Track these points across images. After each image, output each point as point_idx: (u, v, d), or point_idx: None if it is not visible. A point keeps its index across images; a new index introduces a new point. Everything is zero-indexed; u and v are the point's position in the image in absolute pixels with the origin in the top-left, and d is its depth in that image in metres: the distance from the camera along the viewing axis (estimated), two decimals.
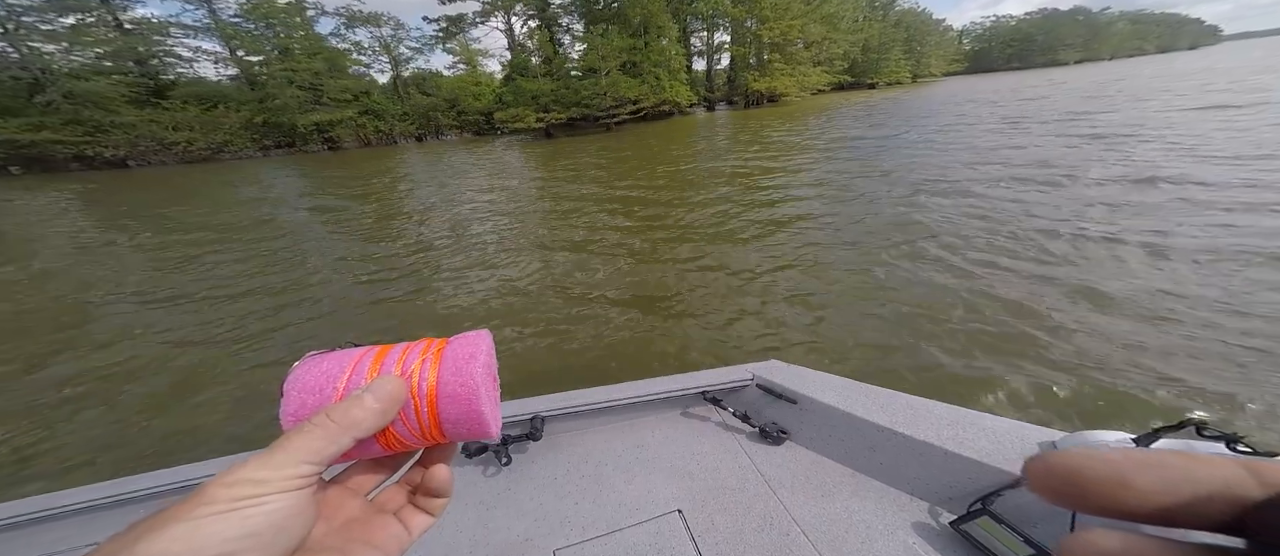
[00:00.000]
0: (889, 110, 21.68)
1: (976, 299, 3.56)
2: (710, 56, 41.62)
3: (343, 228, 8.00)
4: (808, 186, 8.12)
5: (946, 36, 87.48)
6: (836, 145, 12.72)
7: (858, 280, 4.16)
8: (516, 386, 2.91)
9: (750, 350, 3.23)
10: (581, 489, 1.15)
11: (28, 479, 2.58)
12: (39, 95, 18.52)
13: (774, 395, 1.28)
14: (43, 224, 9.73)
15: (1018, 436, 0.97)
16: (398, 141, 29.03)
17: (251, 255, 6.65)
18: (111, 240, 8.10)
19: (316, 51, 26.11)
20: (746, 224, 6.17)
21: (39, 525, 1.13)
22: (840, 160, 10.38)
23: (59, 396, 3.34)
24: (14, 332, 4.50)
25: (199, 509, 0.23)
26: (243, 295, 5.10)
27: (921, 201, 6.38)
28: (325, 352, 0.35)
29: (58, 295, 5.51)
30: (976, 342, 3.01)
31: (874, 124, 16.83)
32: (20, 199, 12.89)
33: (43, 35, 19.73)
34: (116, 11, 23.03)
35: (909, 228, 5.33)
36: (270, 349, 3.88)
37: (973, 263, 4.21)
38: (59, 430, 2.98)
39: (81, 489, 1.17)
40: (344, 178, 14.54)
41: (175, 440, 2.84)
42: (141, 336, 4.25)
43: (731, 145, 14.99)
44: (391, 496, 0.36)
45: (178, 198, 12.16)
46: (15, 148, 17.49)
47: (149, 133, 20.64)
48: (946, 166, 8.40)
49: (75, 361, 3.86)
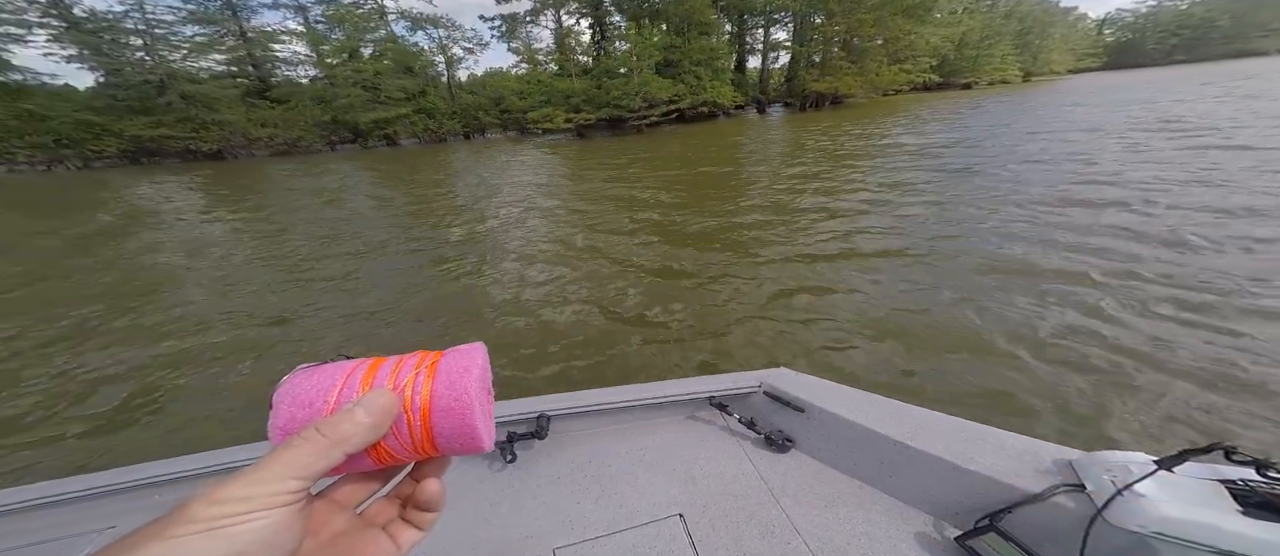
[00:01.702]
0: (968, 117, 18.01)
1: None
2: (765, 54, 38.59)
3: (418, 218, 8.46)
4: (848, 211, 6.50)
5: (1077, 27, 73.04)
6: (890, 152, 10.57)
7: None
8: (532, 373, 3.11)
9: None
10: (584, 488, 1.14)
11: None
12: (162, 96, 22.25)
13: (781, 403, 1.25)
14: (226, 203, 11.27)
15: (1031, 453, 0.94)
16: (447, 139, 30.84)
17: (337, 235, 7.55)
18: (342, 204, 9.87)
19: (390, 53, 28.66)
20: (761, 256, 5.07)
21: (49, 509, 1.16)
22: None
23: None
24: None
25: (181, 527, 0.22)
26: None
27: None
28: (316, 366, 0.34)
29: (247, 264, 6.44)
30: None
31: (949, 133, 14.02)
32: (168, 183, 15.29)
33: (171, 45, 23.84)
34: (241, 22, 27.44)
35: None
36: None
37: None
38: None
39: (94, 475, 1.20)
40: (404, 171, 15.42)
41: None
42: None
43: (766, 153, 13.30)
44: (380, 510, 0.35)
45: (285, 183, 13.87)
46: (139, 142, 21.19)
47: (241, 128, 23.91)
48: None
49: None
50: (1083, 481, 0.82)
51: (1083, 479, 0.83)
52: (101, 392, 3.27)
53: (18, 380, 3.50)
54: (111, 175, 18.13)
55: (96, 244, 7.66)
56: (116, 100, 21.79)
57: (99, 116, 20.61)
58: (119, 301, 5.06)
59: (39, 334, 4.30)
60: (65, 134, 19.85)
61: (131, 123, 21.00)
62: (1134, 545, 0.72)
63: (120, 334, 4.24)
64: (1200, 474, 0.75)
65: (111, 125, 20.71)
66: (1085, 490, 0.81)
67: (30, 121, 19.25)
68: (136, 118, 21.27)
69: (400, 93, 28.39)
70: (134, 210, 10.37)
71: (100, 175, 18.46)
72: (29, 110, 19.31)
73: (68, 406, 3.13)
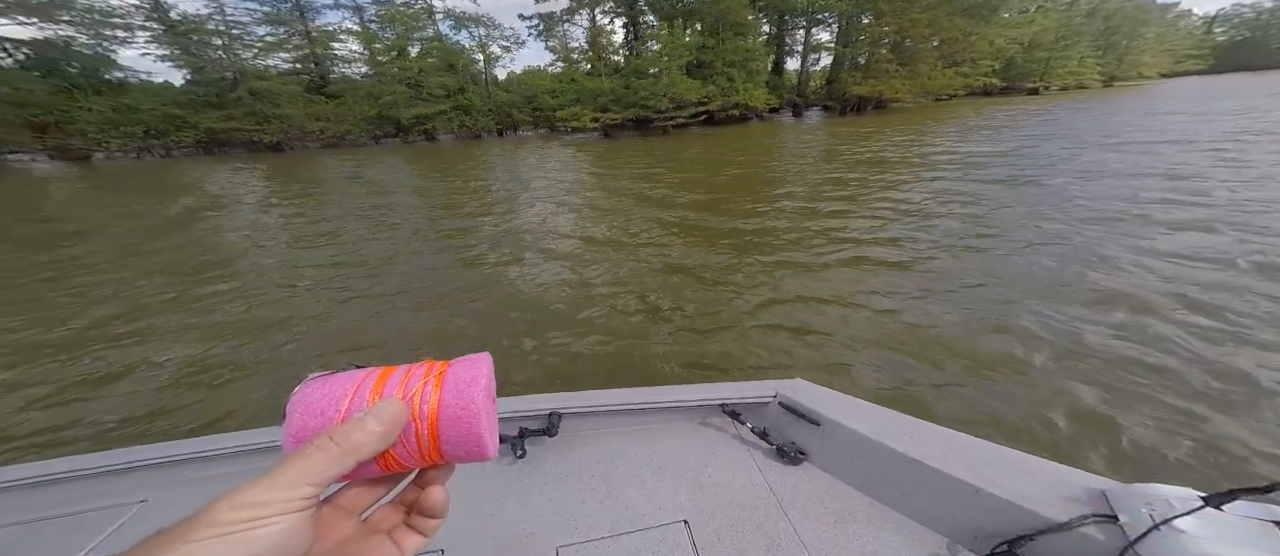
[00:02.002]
0: (1030, 125, 16.34)
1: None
2: (805, 56, 36.98)
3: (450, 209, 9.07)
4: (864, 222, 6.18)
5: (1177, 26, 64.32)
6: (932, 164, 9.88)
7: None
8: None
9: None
10: (590, 489, 1.14)
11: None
12: (233, 92, 24.67)
13: (796, 415, 1.22)
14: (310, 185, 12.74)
15: (1060, 481, 0.90)
16: (481, 135, 32.05)
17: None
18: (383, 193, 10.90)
19: (436, 52, 30.19)
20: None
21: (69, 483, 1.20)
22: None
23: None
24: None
25: (203, 530, 0.24)
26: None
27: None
28: (328, 374, 0.35)
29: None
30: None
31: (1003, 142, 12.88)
32: (243, 171, 17.05)
33: (244, 44, 26.36)
34: (307, 22, 29.95)
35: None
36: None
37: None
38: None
39: (129, 449, 1.25)
40: (442, 165, 16.28)
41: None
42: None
43: (795, 158, 12.82)
44: (384, 516, 0.36)
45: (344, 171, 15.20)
46: (212, 134, 23.62)
47: (298, 122, 26.06)
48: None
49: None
50: (1116, 512, 0.78)
51: (1116, 510, 0.79)
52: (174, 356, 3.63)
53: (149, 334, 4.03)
54: (189, 163, 20.36)
55: (177, 226, 8.49)
56: (196, 95, 24.40)
57: (180, 110, 23.16)
58: (194, 273, 5.64)
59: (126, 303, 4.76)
60: (153, 125, 22.47)
61: (207, 116, 23.43)
62: None
63: (187, 306, 4.70)
64: (1252, 513, 0.71)
65: (190, 118, 23.21)
66: (1118, 522, 0.77)
67: (126, 114, 21.96)
68: (211, 111, 23.71)
69: (441, 90, 29.82)
70: (216, 196, 11.43)
71: (180, 162, 20.78)
72: (127, 104, 22.03)
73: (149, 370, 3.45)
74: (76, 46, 22.03)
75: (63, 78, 21.38)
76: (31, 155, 20.37)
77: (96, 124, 21.08)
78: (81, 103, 21.10)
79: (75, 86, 21.49)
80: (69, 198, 12.27)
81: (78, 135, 20.74)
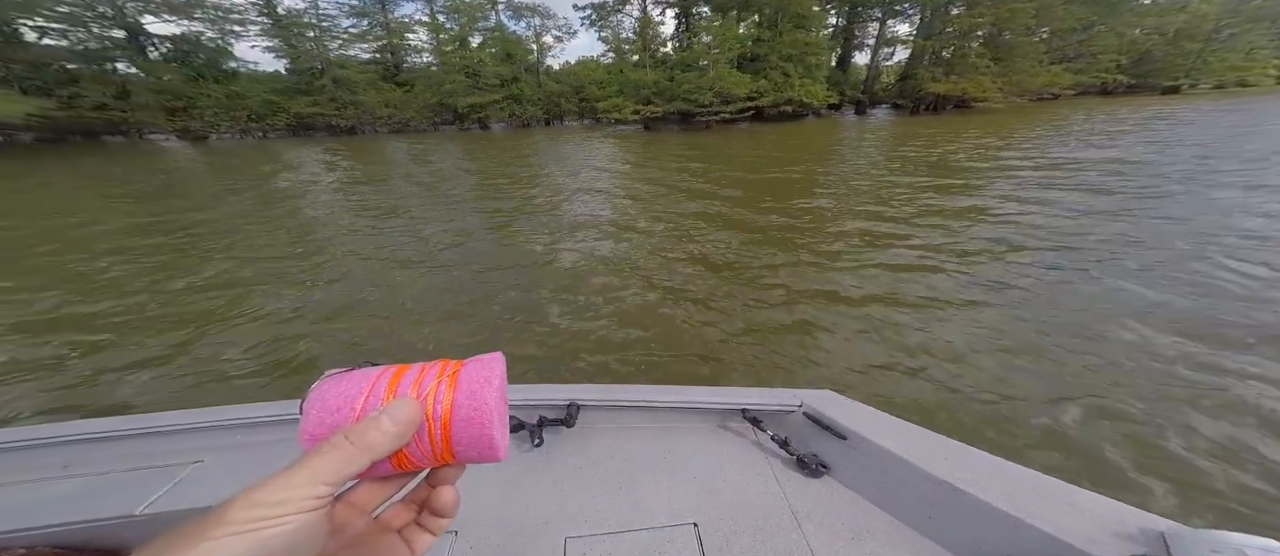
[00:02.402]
0: (1162, 130, 13.60)
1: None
2: (877, 50, 33.42)
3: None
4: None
5: None
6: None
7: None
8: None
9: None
10: (602, 482, 1.15)
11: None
12: (319, 80, 27.63)
13: (821, 427, 1.18)
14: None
15: (1112, 518, 0.84)
16: (530, 124, 33.11)
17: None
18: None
19: (497, 42, 31.50)
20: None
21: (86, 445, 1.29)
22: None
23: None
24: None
25: (221, 528, 0.24)
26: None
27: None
28: (344, 372, 0.36)
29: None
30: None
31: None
32: (337, 152, 19.27)
33: (331, 36, 29.29)
34: (387, 14, 32.62)
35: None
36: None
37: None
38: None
39: (186, 411, 1.35)
40: (496, 151, 17.31)
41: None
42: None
43: (846, 163, 11.85)
44: (395, 514, 0.37)
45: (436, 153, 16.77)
46: (299, 118, 26.72)
47: (371, 108, 28.67)
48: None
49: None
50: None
51: (1175, 554, 0.75)
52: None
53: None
54: (282, 144, 23.30)
55: (277, 199, 9.54)
56: (290, 83, 27.68)
57: (276, 96, 26.42)
58: (292, 247, 6.27)
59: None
60: (254, 110, 25.91)
61: (297, 101, 26.53)
62: None
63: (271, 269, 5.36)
64: None
65: (284, 103, 26.41)
66: None
67: (236, 100, 25.50)
68: (301, 97, 26.81)
69: (496, 79, 31.13)
70: (307, 179, 12.62)
71: (274, 143, 23.84)
72: (236, 91, 25.56)
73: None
74: (204, 40, 25.87)
75: (191, 68, 25.29)
76: (165, 135, 24.44)
77: (212, 109, 24.72)
78: (204, 90, 24.86)
79: (200, 76, 25.34)
80: (202, 170, 14.40)
81: (197, 118, 24.48)
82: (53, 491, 1.14)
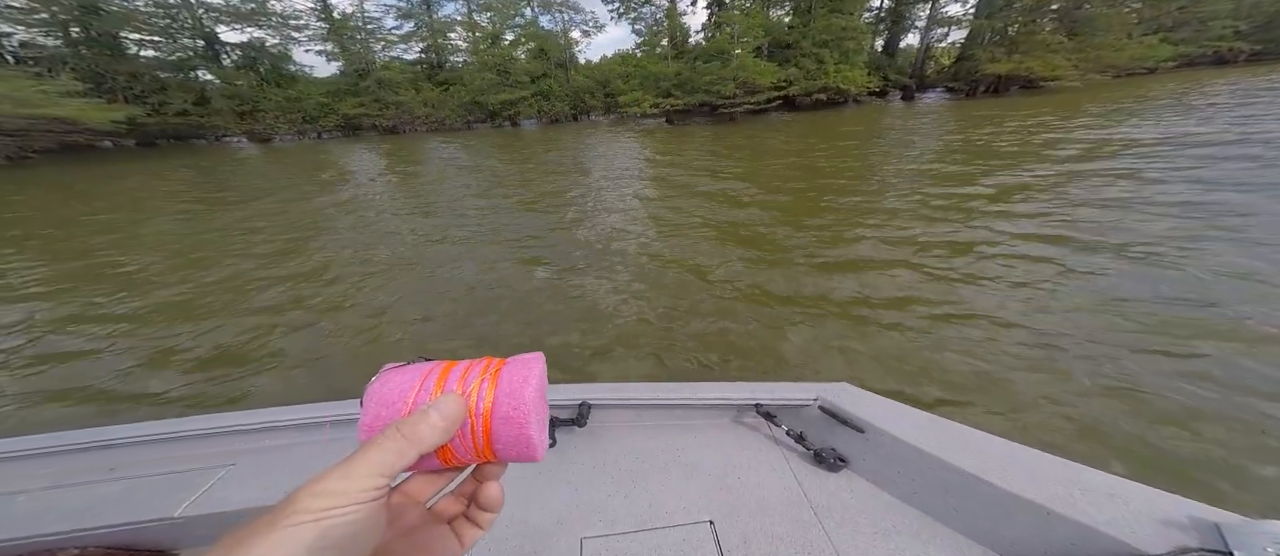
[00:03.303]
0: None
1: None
2: (927, 31, 30.48)
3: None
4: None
5: None
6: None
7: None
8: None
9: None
10: (617, 482, 1.17)
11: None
12: (363, 81, 29.60)
13: (838, 421, 1.18)
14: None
15: (1156, 507, 0.82)
16: (560, 120, 33.58)
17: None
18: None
19: (532, 37, 32.15)
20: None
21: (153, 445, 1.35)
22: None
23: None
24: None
25: (292, 516, 0.25)
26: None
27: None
28: (400, 366, 0.38)
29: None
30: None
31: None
32: (379, 151, 21.16)
33: (377, 38, 31.20)
34: (432, 15, 34.29)
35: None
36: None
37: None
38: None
39: (217, 415, 1.41)
40: (523, 148, 17.76)
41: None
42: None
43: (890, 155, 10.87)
44: (446, 506, 0.39)
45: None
46: (348, 119, 28.80)
47: (409, 108, 30.34)
48: None
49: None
50: (1231, 548, 0.72)
51: (1231, 545, 0.72)
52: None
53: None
54: (334, 145, 25.24)
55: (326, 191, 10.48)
56: (340, 85, 29.88)
57: (327, 98, 28.63)
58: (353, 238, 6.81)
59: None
60: (309, 112, 28.24)
61: (345, 102, 28.61)
62: None
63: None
64: None
65: (334, 105, 28.58)
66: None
67: (294, 103, 27.93)
68: (348, 98, 28.88)
69: (525, 76, 31.82)
70: (354, 175, 13.66)
71: (326, 144, 25.90)
72: (295, 95, 27.96)
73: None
74: (268, 46, 28.50)
75: (257, 73, 27.98)
76: (237, 138, 27.31)
77: (274, 112, 27.23)
78: (268, 94, 27.43)
79: (264, 80, 27.99)
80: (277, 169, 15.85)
81: (260, 121, 27.08)
82: (99, 494, 1.19)
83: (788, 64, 24.63)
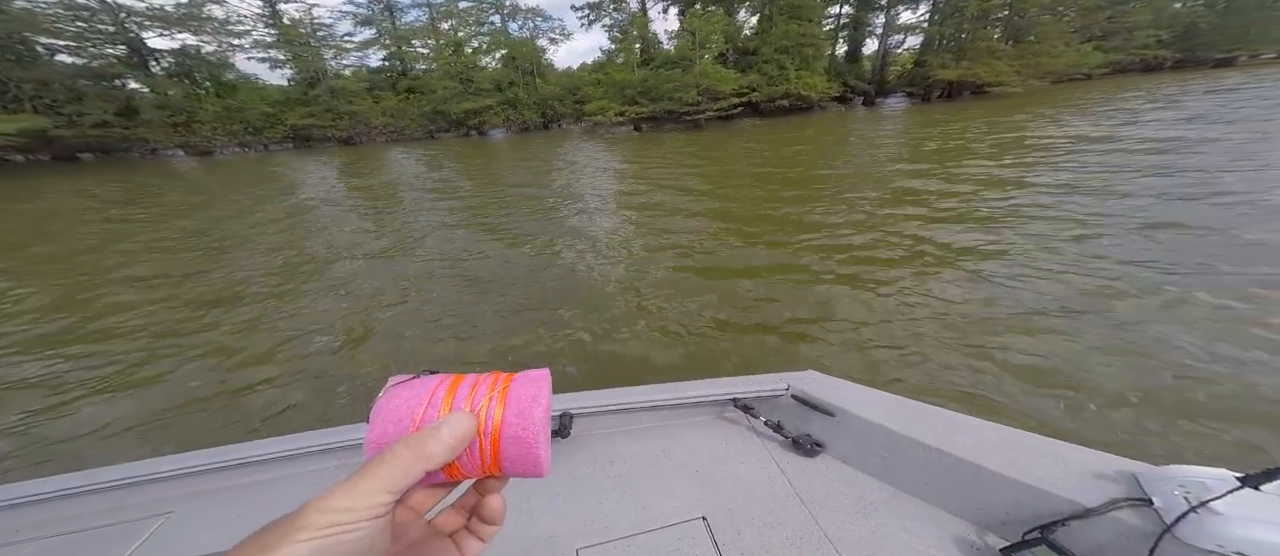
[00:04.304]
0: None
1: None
2: (884, 38, 31.56)
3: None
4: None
5: None
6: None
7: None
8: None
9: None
10: (606, 489, 1.16)
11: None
12: (313, 90, 28.02)
13: (810, 407, 1.23)
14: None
15: (1088, 464, 0.91)
16: (529, 129, 32.77)
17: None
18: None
19: (505, 44, 31.16)
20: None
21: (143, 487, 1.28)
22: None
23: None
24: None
25: (300, 533, 0.25)
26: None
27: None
28: (407, 380, 0.37)
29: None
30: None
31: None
32: (318, 161, 19.73)
33: (328, 44, 29.62)
34: (395, 21, 32.89)
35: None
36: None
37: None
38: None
39: (152, 460, 1.30)
40: (484, 159, 16.71)
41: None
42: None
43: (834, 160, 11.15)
44: (448, 519, 0.38)
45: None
46: (297, 129, 27.14)
47: (365, 117, 28.91)
48: None
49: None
50: (1149, 496, 0.80)
51: (1149, 493, 0.80)
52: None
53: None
54: (286, 156, 23.63)
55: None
56: (289, 95, 28.19)
57: (272, 107, 26.93)
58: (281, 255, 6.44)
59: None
60: (252, 122, 26.46)
61: (293, 112, 26.97)
62: None
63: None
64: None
65: (280, 115, 26.89)
66: (1152, 505, 0.79)
67: (234, 113, 26.06)
68: (297, 108, 27.25)
69: (490, 84, 30.94)
70: (304, 189, 12.79)
71: (276, 156, 24.25)
72: (234, 104, 26.10)
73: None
74: (205, 53, 26.57)
75: (191, 82, 26.02)
76: (172, 151, 25.22)
77: (210, 123, 25.32)
78: (204, 104, 25.52)
79: (201, 89, 26.06)
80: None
81: (196, 133, 25.11)
82: (29, 553, 1.11)
83: (750, 70, 24.81)
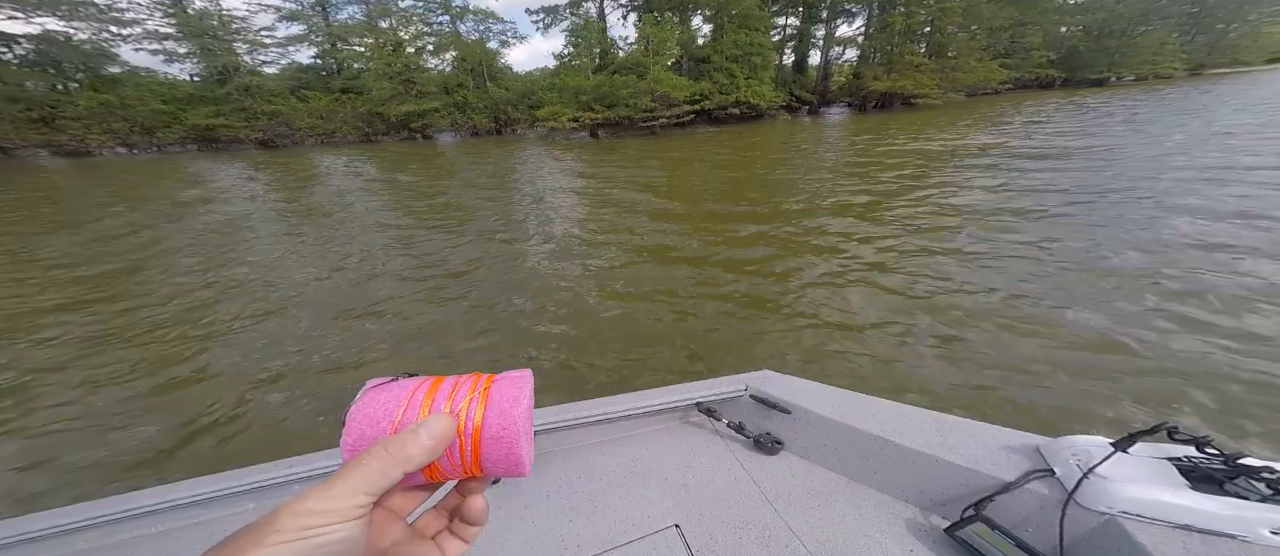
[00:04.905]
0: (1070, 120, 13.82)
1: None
2: (826, 50, 33.54)
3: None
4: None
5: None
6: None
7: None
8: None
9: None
10: (575, 506, 1.14)
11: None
12: (222, 87, 24.67)
13: (768, 405, 1.27)
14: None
15: (1003, 442, 0.98)
16: (480, 134, 30.98)
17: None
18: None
19: (455, 44, 29.08)
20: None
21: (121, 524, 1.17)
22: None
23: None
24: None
25: (273, 535, 0.25)
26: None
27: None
28: (384, 383, 0.37)
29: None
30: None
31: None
32: (227, 167, 16.87)
33: (243, 39, 26.23)
34: (328, 18, 29.65)
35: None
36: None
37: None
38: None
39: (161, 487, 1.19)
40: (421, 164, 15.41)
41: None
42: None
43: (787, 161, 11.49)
44: (429, 521, 0.38)
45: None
46: (200, 130, 23.71)
47: (286, 118, 25.87)
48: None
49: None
50: (1051, 466, 0.87)
51: (1051, 464, 0.87)
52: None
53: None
54: (185, 158, 20.36)
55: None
56: (193, 92, 24.58)
57: (167, 105, 23.32)
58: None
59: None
60: (140, 121, 22.72)
61: (195, 111, 23.53)
62: (1105, 524, 0.77)
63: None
64: (1150, 453, 0.81)
65: (178, 113, 23.35)
66: (1055, 475, 0.85)
67: (113, 109, 22.08)
68: (201, 106, 23.80)
69: (435, 86, 28.94)
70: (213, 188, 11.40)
71: (174, 158, 20.87)
72: (110, 99, 22.08)
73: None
74: (76, 42, 22.45)
75: (59, 73, 21.90)
76: (31, 151, 20.95)
77: (82, 119, 21.37)
78: (69, 98, 21.50)
79: (71, 81, 21.98)
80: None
81: (62, 132, 21.08)
82: None
83: (702, 78, 25.19)
